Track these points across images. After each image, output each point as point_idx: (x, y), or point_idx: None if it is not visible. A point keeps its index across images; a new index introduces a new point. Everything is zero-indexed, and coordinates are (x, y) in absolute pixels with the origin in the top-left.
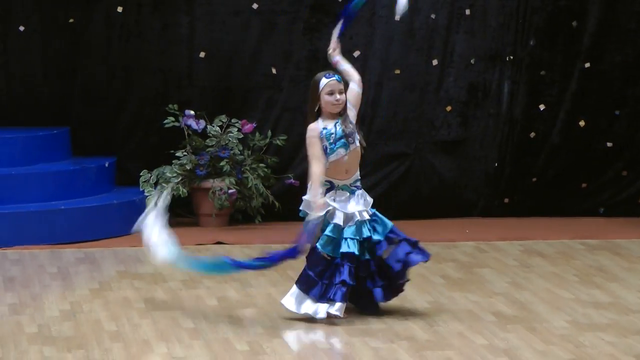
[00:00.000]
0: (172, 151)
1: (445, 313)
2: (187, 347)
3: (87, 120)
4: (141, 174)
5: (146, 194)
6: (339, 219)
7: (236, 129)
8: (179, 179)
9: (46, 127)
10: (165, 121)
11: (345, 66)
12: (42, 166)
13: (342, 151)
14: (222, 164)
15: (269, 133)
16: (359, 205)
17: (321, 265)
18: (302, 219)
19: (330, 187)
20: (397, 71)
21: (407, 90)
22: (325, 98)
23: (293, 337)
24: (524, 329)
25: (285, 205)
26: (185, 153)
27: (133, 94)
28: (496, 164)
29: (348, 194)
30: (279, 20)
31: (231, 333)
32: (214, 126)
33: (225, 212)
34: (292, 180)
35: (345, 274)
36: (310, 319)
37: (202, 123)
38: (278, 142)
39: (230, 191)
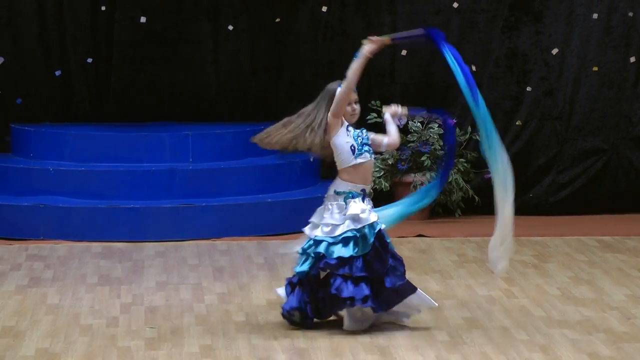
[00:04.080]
0: None
1: None
2: (390, 337)
3: None
4: None
5: None
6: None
7: (436, 125)
8: (382, 173)
9: (254, 123)
10: (369, 117)
11: (391, 128)
12: (250, 160)
13: (367, 155)
14: (423, 158)
15: (469, 129)
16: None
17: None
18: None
19: (362, 194)
20: (595, 68)
21: (605, 87)
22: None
23: (491, 327)
24: None
25: (484, 199)
26: None
27: None
28: None
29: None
30: (479, 18)
31: (431, 323)
32: (415, 122)
33: (426, 206)
34: (491, 175)
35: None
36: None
37: (404, 119)
38: (477, 137)
39: None
